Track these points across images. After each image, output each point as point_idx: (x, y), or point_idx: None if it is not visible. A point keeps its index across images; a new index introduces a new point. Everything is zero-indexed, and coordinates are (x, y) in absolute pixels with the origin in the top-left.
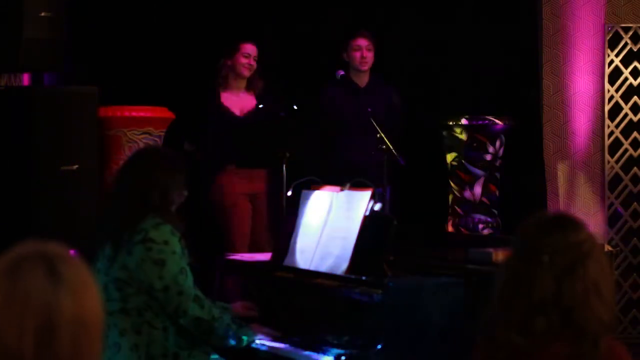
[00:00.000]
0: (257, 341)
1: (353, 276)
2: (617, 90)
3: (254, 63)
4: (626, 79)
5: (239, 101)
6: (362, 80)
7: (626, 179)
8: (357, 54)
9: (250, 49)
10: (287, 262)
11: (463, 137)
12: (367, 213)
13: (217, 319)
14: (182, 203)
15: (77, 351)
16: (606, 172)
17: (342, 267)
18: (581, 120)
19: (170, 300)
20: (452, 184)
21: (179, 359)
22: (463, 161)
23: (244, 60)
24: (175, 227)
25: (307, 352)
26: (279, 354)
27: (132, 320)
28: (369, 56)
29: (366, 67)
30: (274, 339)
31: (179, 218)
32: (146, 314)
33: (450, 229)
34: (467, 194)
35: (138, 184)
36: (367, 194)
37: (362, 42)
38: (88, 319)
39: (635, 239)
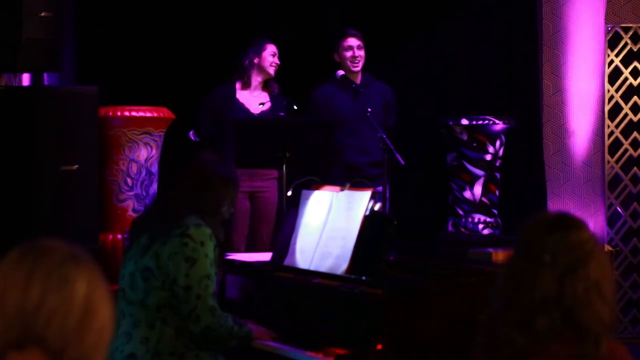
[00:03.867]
0: (257, 342)
1: (353, 276)
2: (617, 90)
3: (279, 62)
4: (626, 79)
5: (255, 99)
6: (355, 79)
7: (626, 179)
8: (349, 54)
9: (275, 48)
10: (287, 262)
11: (463, 137)
12: (367, 213)
13: (222, 325)
14: (227, 217)
15: (81, 335)
16: (606, 172)
17: (342, 267)
18: (581, 120)
19: (188, 301)
20: (452, 184)
21: (185, 359)
22: (463, 161)
23: (272, 59)
24: (215, 233)
25: (306, 352)
26: (278, 354)
27: (149, 314)
28: (361, 55)
29: (358, 67)
30: (273, 340)
31: (220, 229)
32: (163, 311)
33: (450, 229)
34: (467, 194)
35: (193, 187)
36: (367, 194)
37: (354, 42)
38: (97, 310)
39: (635, 239)
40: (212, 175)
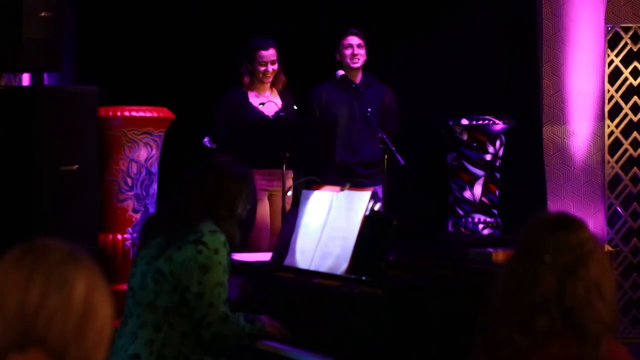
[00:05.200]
0: (259, 343)
1: (353, 276)
2: (617, 90)
3: (273, 67)
4: (626, 79)
5: (266, 100)
6: (355, 79)
7: (626, 179)
8: (348, 52)
9: (267, 55)
10: (287, 262)
11: (463, 137)
12: (367, 213)
13: (233, 330)
14: (244, 217)
15: (81, 335)
16: (606, 172)
17: (342, 267)
18: (581, 120)
19: (200, 308)
20: (452, 184)
21: None
22: (463, 161)
23: (261, 69)
24: (229, 239)
25: (306, 353)
26: (279, 355)
27: (156, 317)
28: (360, 53)
29: (357, 64)
30: (281, 336)
31: (236, 231)
32: (171, 314)
33: (450, 229)
34: (467, 194)
35: (206, 190)
36: (367, 194)
37: (353, 40)
38: (98, 309)
39: (635, 239)
40: (222, 176)
